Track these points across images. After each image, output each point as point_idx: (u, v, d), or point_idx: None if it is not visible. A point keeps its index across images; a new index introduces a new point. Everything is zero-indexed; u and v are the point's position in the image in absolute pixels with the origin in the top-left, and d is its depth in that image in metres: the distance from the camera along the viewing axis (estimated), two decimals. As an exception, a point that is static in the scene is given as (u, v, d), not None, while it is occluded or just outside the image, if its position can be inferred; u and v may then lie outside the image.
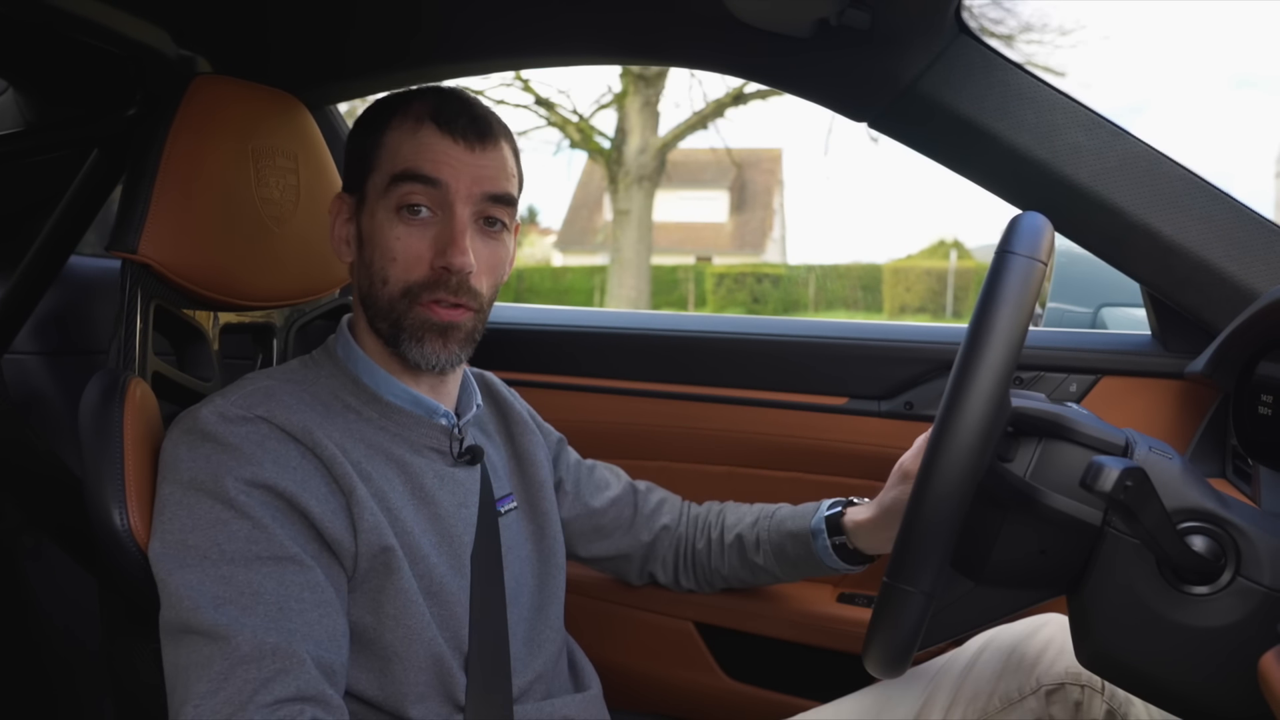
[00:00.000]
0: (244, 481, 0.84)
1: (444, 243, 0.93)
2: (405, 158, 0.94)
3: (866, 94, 1.26)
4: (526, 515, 1.11)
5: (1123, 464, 0.66)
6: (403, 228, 0.94)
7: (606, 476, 1.27)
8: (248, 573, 0.81)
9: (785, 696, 1.45)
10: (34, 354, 1.51)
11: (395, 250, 0.94)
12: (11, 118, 1.51)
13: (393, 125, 0.96)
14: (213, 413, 0.88)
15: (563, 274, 21.61)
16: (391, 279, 0.95)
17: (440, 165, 0.94)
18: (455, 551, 0.97)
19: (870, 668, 0.75)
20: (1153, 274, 1.23)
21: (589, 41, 1.34)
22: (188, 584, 0.80)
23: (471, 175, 0.95)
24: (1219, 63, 62.74)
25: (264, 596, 0.80)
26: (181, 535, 0.83)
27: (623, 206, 12.26)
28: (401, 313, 0.95)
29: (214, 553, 0.81)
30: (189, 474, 0.85)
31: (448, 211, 0.94)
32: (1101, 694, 0.99)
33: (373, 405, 0.98)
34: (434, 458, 1.00)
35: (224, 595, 0.79)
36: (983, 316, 0.70)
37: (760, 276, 20.62)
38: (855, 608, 1.44)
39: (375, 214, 0.96)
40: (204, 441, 0.86)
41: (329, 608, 0.84)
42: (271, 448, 0.87)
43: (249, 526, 0.82)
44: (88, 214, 1.36)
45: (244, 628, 0.78)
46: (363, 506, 0.89)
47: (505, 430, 1.16)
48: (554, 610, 1.09)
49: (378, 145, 0.97)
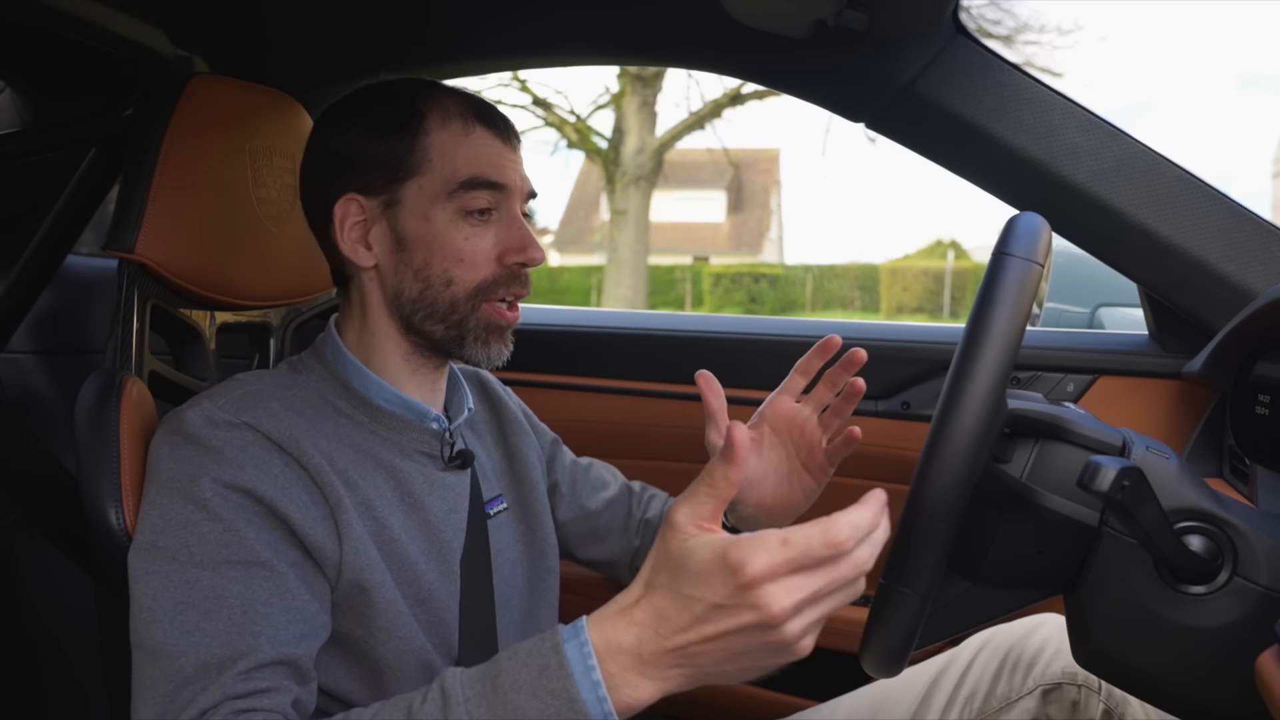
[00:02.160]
0: (221, 484, 0.83)
1: (512, 240, 0.96)
2: (470, 163, 0.95)
3: (864, 94, 1.26)
4: (517, 516, 1.10)
5: (1120, 464, 0.66)
6: (470, 229, 0.95)
7: (604, 476, 1.25)
8: (214, 576, 0.80)
9: (782, 696, 1.45)
10: (31, 353, 1.51)
11: (463, 251, 0.95)
12: (9, 118, 1.51)
13: (433, 124, 0.95)
14: (198, 415, 0.87)
15: (560, 274, 21.61)
16: (458, 279, 0.95)
17: (503, 170, 0.96)
18: (444, 557, 0.95)
19: (867, 668, 0.76)
20: (1150, 274, 1.23)
21: (587, 42, 1.34)
22: (150, 593, 0.79)
23: (520, 174, 0.99)
24: (1225, 62, 62.82)
25: (228, 601, 0.79)
26: (153, 536, 0.82)
27: (620, 206, 12.26)
28: (466, 314, 0.96)
29: (183, 554, 0.80)
30: (167, 474, 0.84)
31: (505, 210, 0.97)
32: (1099, 694, 1.00)
33: (362, 409, 0.96)
34: (424, 462, 0.98)
35: (187, 600, 0.78)
36: (979, 319, 0.70)
37: (757, 276, 20.62)
38: (852, 607, 1.42)
39: (432, 217, 0.95)
40: (186, 443, 0.85)
41: (298, 612, 0.82)
42: (255, 454, 0.86)
43: (220, 529, 0.81)
44: (85, 214, 1.36)
45: (191, 646, 0.76)
46: (349, 516, 0.87)
47: (498, 429, 1.15)
48: (546, 613, 1.08)
49: (420, 147, 0.95)
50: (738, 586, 0.61)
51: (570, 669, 0.64)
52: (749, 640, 0.63)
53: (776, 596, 0.61)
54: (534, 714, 0.64)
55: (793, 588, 0.61)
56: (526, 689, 0.65)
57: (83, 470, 0.90)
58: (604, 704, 0.64)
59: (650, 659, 0.65)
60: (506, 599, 1.03)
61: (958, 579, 0.82)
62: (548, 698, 0.64)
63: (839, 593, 0.63)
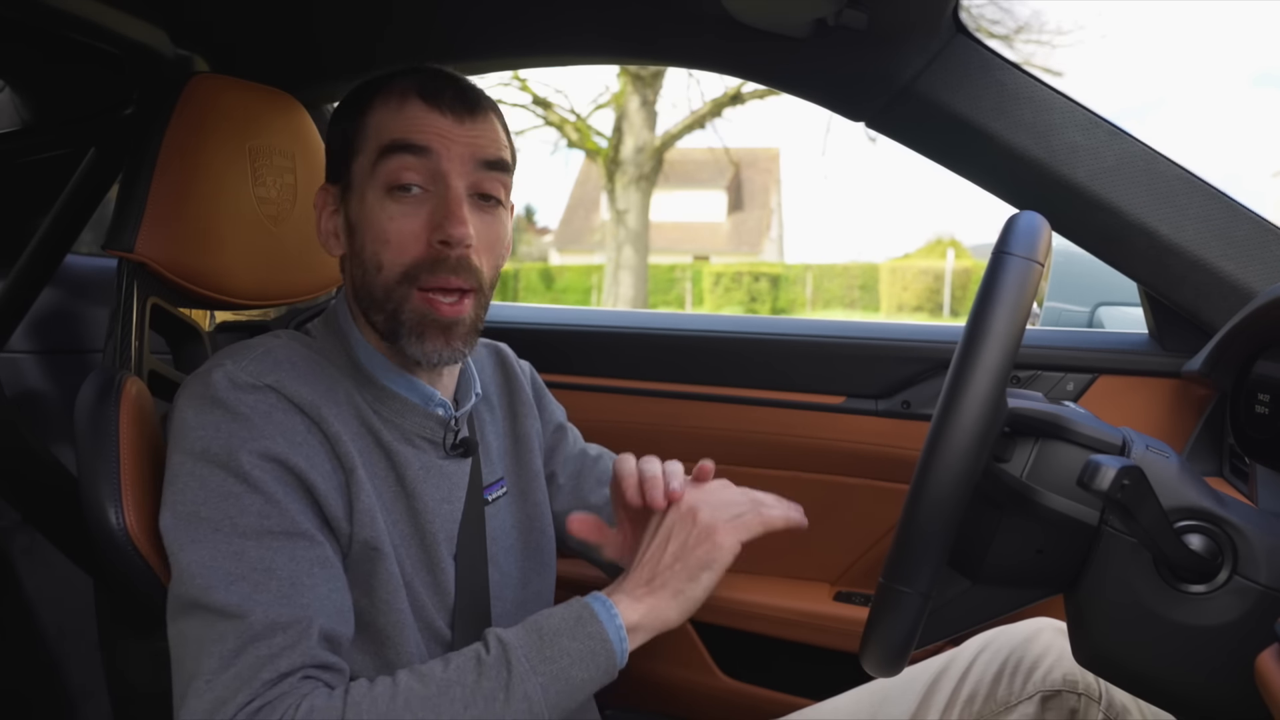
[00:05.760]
0: (257, 455, 0.83)
1: (440, 216, 0.89)
2: (391, 131, 0.90)
3: (864, 93, 1.26)
4: (516, 502, 1.08)
5: (1120, 463, 0.66)
6: (395, 206, 0.90)
7: (609, 470, 1.24)
8: (260, 548, 0.80)
9: (782, 695, 1.45)
10: (30, 353, 1.51)
11: (388, 231, 0.90)
12: (9, 117, 1.51)
13: (375, 104, 0.93)
14: (224, 377, 0.86)
15: (560, 273, 21.61)
16: (386, 263, 0.90)
17: (429, 135, 0.90)
18: (427, 547, 0.94)
19: (867, 667, 0.76)
20: (1150, 273, 1.23)
21: (588, 41, 1.34)
22: (200, 560, 0.79)
23: (463, 144, 0.91)
24: (1239, 60, 62.67)
25: (277, 573, 0.80)
26: (194, 507, 0.82)
27: (620, 206, 12.26)
28: (399, 302, 0.91)
29: (226, 526, 0.81)
30: (200, 444, 0.83)
31: (441, 184, 0.90)
32: (1099, 703, 0.99)
33: (368, 388, 0.95)
34: (425, 448, 0.97)
35: (236, 572, 0.79)
36: (979, 318, 0.70)
37: (757, 276, 20.63)
38: (852, 606, 1.44)
39: (364, 197, 0.92)
40: (214, 408, 0.85)
41: (337, 582, 0.84)
42: (279, 419, 0.85)
43: (261, 501, 0.82)
44: (84, 213, 1.36)
45: (257, 605, 0.77)
46: (360, 488, 0.88)
47: (509, 407, 1.13)
48: (539, 607, 1.07)
49: (361, 126, 0.93)
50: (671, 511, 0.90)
51: (599, 617, 0.83)
52: (683, 534, 0.87)
53: (690, 496, 0.90)
54: (575, 653, 0.81)
55: (702, 494, 0.91)
56: (567, 634, 0.82)
57: (83, 470, 0.89)
58: (623, 642, 0.84)
59: (643, 594, 0.86)
60: (500, 589, 1.02)
61: (958, 578, 0.82)
62: (585, 639, 0.82)
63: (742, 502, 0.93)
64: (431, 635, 0.94)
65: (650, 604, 0.85)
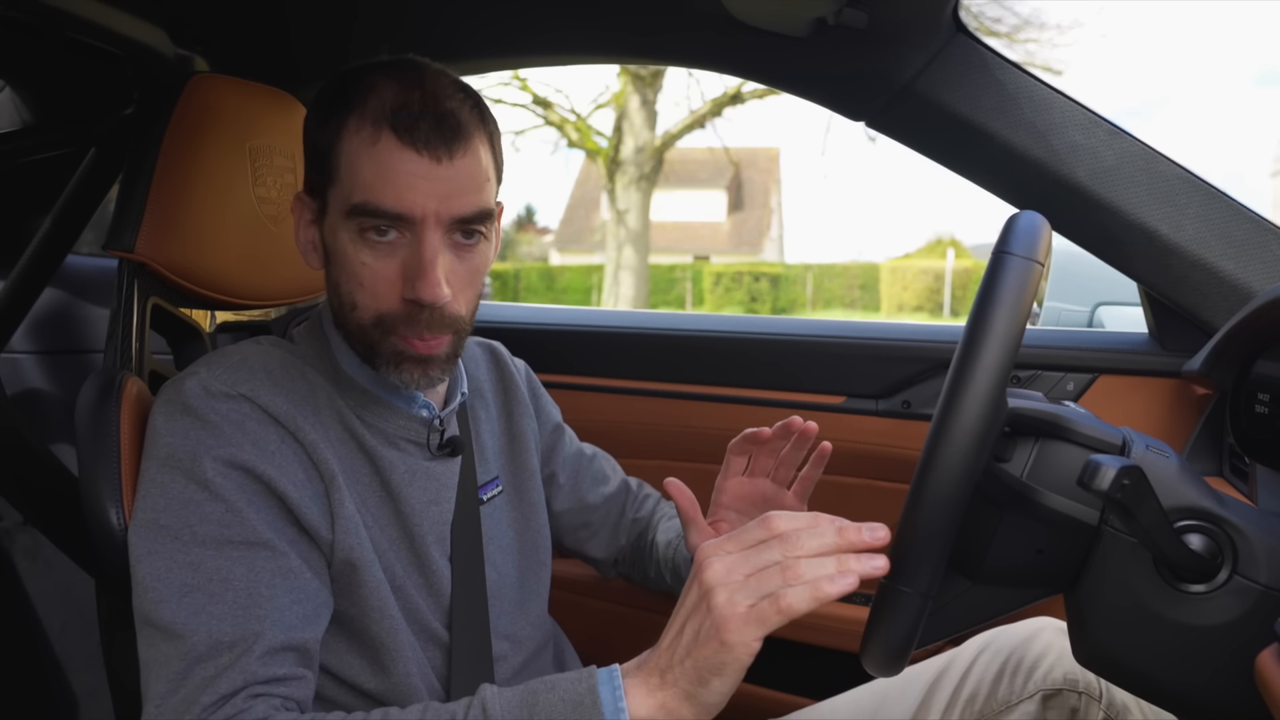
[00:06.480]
0: (221, 462, 0.82)
1: (413, 272, 0.85)
2: (364, 184, 0.84)
3: (864, 93, 1.26)
4: (512, 501, 1.08)
5: (1120, 463, 0.66)
6: (368, 253, 0.86)
7: (605, 469, 1.24)
8: (218, 558, 0.80)
9: (782, 695, 1.45)
10: (30, 353, 1.51)
11: (361, 276, 0.86)
12: (9, 117, 1.51)
13: (349, 127, 0.85)
14: (197, 384, 0.86)
15: (560, 273, 21.61)
16: (360, 305, 0.87)
17: (402, 192, 0.83)
18: (416, 550, 0.94)
19: (868, 667, 0.75)
20: (1150, 273, 1.23)
21: (588, 41, 1.34)
22: (154, 573, 0.79)
23: (440, 196, 0.84)
24: (1243, 59, 62.64)
25: (233, 583, 0.79)
26: (154, 515, 0.81)
27: (620, 206, 12.26)
28: (375, 341, 0.88)
29: (185, 534, 0.80)
30: (165, 450, 0.83)
31: (415, 236, 0.85)
32: (1099, 702, 0.99)
33: (350, 392, 0.94)
34: (410, 450, 0.96)
35: (192, 583, 0.78)
36: (979, 318, 0.70)
37: (758, 275, 20.64)
38: (852, 606, 1.44)
39: (338, 233, 0.87)
40: (183, 415, 0.84)
41: (301, 592, 0.82)
42: (251, 429, 0.85)
43: (222, 509, 0.81)
44: (85, 213, 1.36)
45: (202, 625, 0.77)
46: (342, 495, 0.87)
47: (504, 404, 1.12)
48: (536, 605, 1.07)
49: (335, 151, 0.87)
50: (695, 579, 0.71)
51: (602, 704, 0.72)
52: (696, 622, 0.70)
53: (712, 567, 0.70)
54: None
55: (730, 563, 0.70)
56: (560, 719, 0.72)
57: (83, 470, 0.90)
58: None
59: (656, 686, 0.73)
60: (498, 588, 1.02)
61: (958, 578, 0.82)
62: None
63: (773, 575, 0.68)
64: (428, 638, 0.94)
65: (662, 699, 0.72)
